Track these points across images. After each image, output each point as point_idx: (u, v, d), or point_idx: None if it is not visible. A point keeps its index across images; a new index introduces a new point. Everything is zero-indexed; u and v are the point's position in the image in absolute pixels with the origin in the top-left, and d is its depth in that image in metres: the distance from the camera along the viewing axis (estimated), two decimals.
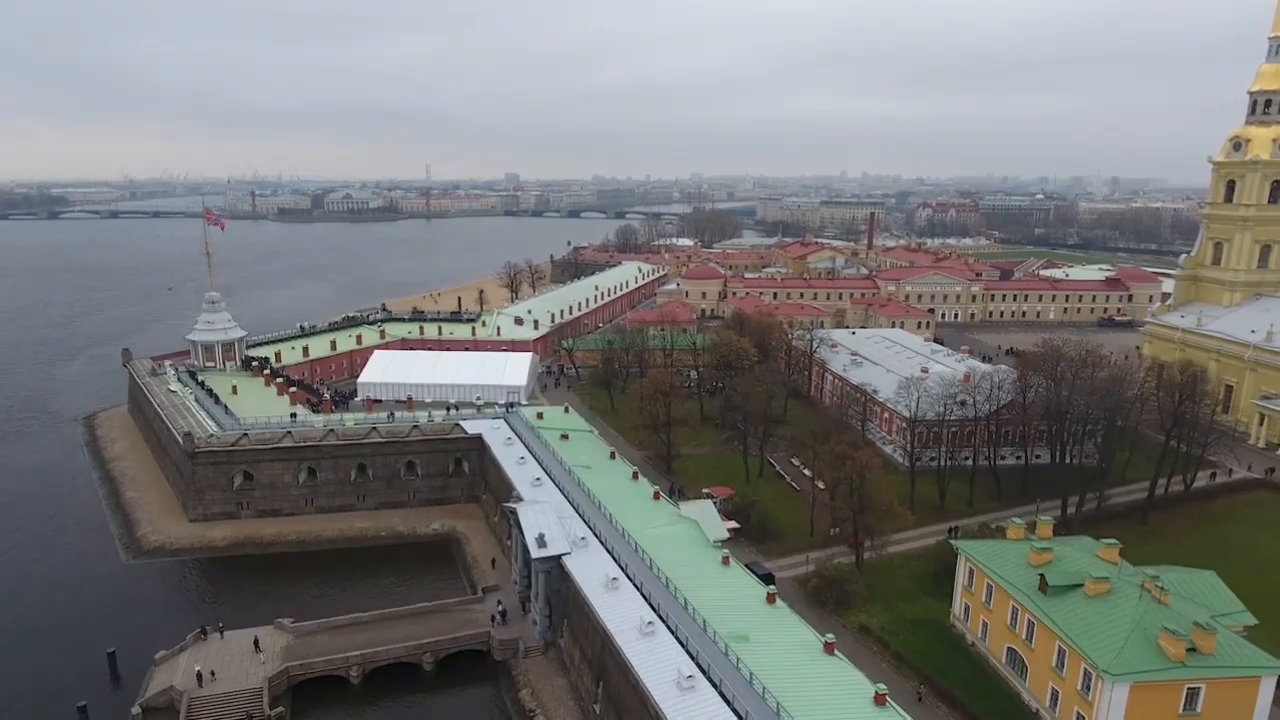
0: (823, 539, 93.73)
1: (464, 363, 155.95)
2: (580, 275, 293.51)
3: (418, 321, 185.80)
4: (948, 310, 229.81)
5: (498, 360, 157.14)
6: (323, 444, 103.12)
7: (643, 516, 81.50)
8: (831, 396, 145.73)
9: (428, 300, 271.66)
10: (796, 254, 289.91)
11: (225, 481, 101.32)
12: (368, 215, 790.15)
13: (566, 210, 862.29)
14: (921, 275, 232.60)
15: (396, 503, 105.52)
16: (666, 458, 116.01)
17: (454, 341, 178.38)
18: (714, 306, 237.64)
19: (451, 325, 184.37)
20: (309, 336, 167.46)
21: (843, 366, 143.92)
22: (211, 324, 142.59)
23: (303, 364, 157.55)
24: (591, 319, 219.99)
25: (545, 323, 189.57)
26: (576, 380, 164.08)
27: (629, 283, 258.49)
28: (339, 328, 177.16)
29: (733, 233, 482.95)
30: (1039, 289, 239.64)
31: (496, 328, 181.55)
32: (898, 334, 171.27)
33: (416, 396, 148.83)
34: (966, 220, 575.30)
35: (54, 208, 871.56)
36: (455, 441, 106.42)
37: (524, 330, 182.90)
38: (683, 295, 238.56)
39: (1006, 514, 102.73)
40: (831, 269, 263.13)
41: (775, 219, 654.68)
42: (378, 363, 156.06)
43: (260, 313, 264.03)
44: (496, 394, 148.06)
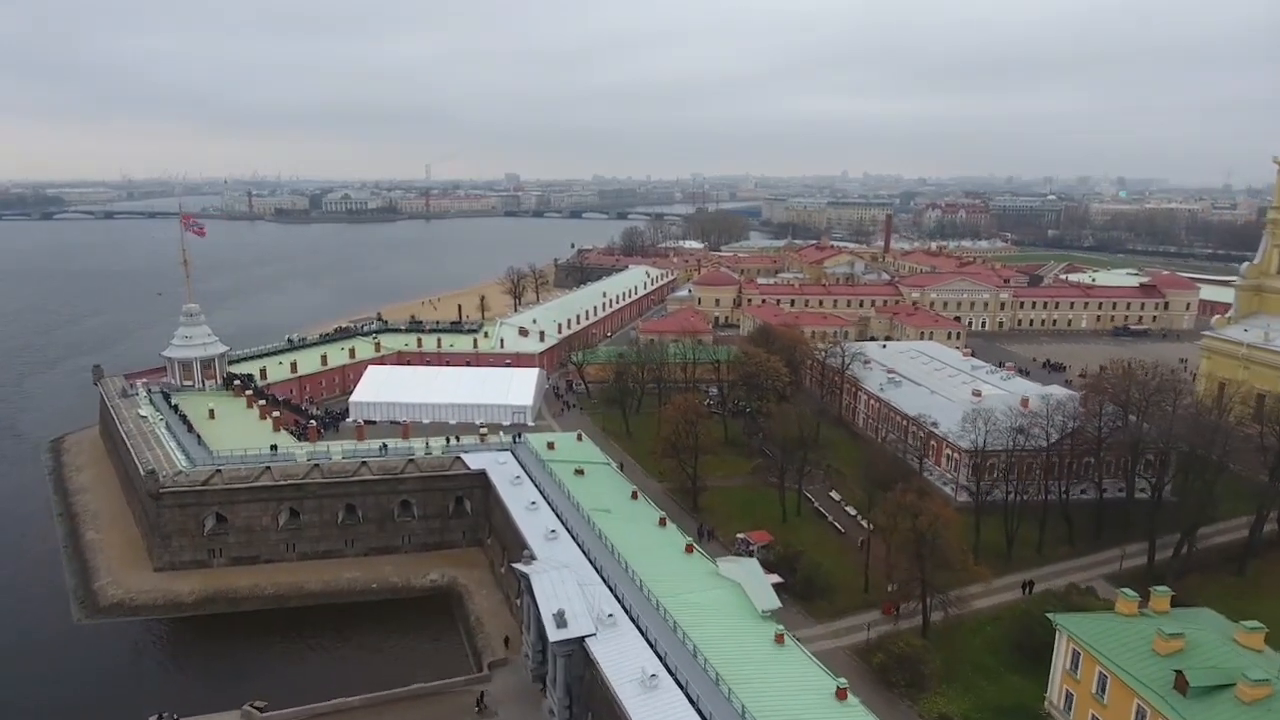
0: (879, 595, 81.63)
1: (465, 380, 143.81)
2: (586, 280, 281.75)
3: (415, 332, 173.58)
4: (975, 319, 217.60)
5: (502, 377, 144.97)
6: (306, 481, 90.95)
7: (677, 578, 69.36)
8: (867, 418, 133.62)
9: (426, 307, 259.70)
10: (812, 258, 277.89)
11: (194, 525, 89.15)
12: (366, 216, 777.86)
13: (568, 211, 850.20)
14: (947, 282, 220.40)
15: (389, 547, 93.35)
16: (693, 492, 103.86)
17: (454, 354, 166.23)
18: (728, 314, 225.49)
19: (451, 336, 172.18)
20: (297, 350, 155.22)
21: (879, 386, 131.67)
22: (189, 339, 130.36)
23: (290, 380, 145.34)
24: (600, 328, 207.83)
25: (552, 333, 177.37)
26: (586, 397, 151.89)
27: (637, 289, 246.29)
28: (330, 340, 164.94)
29: (740, 234, 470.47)
30: (1070, 296, 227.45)
31: (500, 339, 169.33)
32: (932, 347, 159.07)
33: (413, 417, 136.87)
34: (977, 222, 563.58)
35: (48, 208, 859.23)
36: (456, 479, 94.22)
37: (529, 342, 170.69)
38: (695, 302, 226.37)
39: (1084, 562, 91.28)
40: (850, 274, 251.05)
41: (781, 220, 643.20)
42: (371, 379, 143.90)
43: (253, 319, 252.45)
44: (500, 414, 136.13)
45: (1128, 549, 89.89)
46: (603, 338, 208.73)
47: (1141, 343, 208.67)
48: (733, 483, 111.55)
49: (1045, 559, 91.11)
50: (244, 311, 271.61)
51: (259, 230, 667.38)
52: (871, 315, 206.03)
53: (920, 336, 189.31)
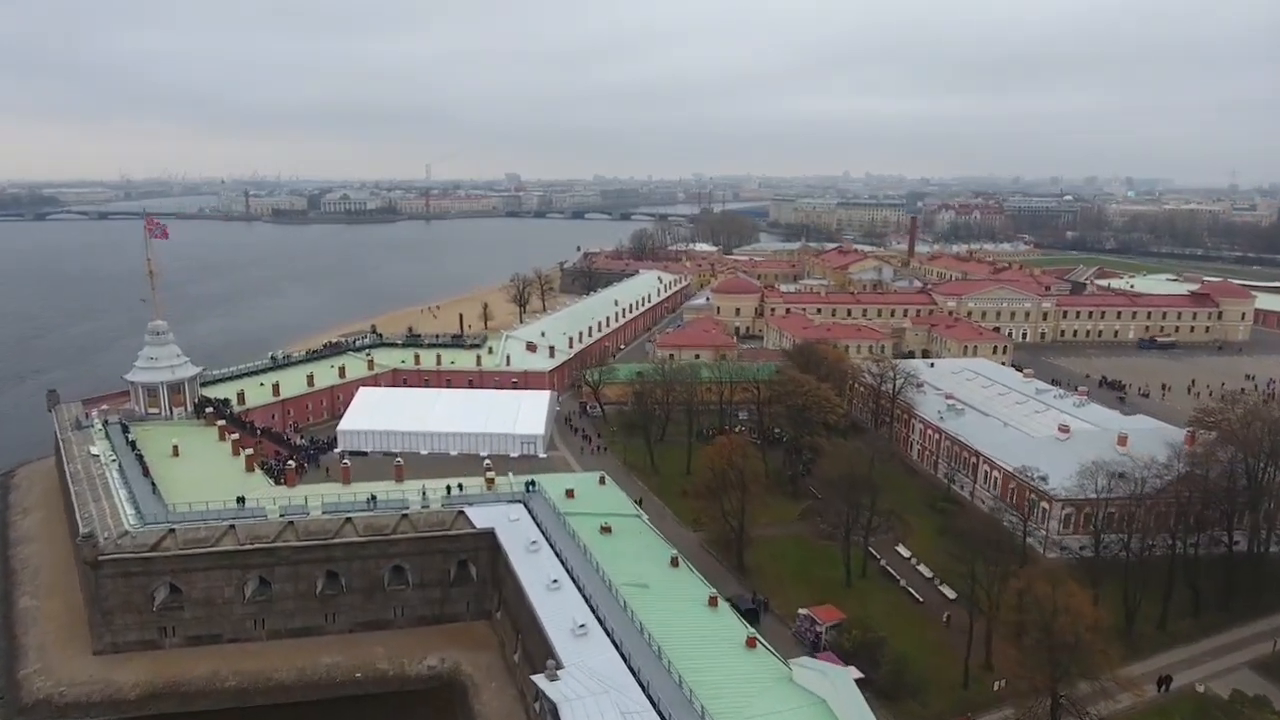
0: (982, 692, 66.18)
1: (468, 404, 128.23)
2: (594, 286, 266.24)
3: (412, 347, 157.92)
4: (1015, 329, 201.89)
5: (509, 401, 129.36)
6: (278, 545, 75.36)
7: (744, 690, 54.03)
8: (923, 450, 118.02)
9: (426, 315, 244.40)
10: (836, 263, 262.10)
11: (142, 599, 73.63)
12: (365, 216, 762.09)
13: (570, 211, 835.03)
14: (986, 290, 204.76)
15: (379, 622, 77.78)
16: (737, 546, 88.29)
17: (455, 373, 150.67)
18: (750, 324, 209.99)
19: (452, 352, 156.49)
20: (281, 369, 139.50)
21: (937, 414, 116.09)
22: (155, 360, 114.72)
23: (272, 405, 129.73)
24: (612, 340, 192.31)
25: (562, 348, 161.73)
26: (603, 422, 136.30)
27: (650, 296, 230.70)
28: (318, 356, 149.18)
29: (749, 236, 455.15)
30: (1117, 305, 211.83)
31: (506, 356, 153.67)
32: (986, 366, 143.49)
33: (409, 447, 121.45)
34: (992, 223, 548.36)
35: (43, 209, 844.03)
36: (458, 539, 78.60)
37: (538, 359, 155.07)
38: (713, 311, 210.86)
39: (1220, 643, 75.60)
40: (879, 281, 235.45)
41: (789, 221, 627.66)
42: (363, 403, 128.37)
43: (243, 326, 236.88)
44: (508, 445, 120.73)
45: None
46: (615, 351, 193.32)
47: (1194, 355, 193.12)
48: (780, 531, 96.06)
49: (1171, 636, 75.66)
50: (235, 318, 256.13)
51: (256, 231, 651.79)
52: (907, 326, 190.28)
53: (963, 351, 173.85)
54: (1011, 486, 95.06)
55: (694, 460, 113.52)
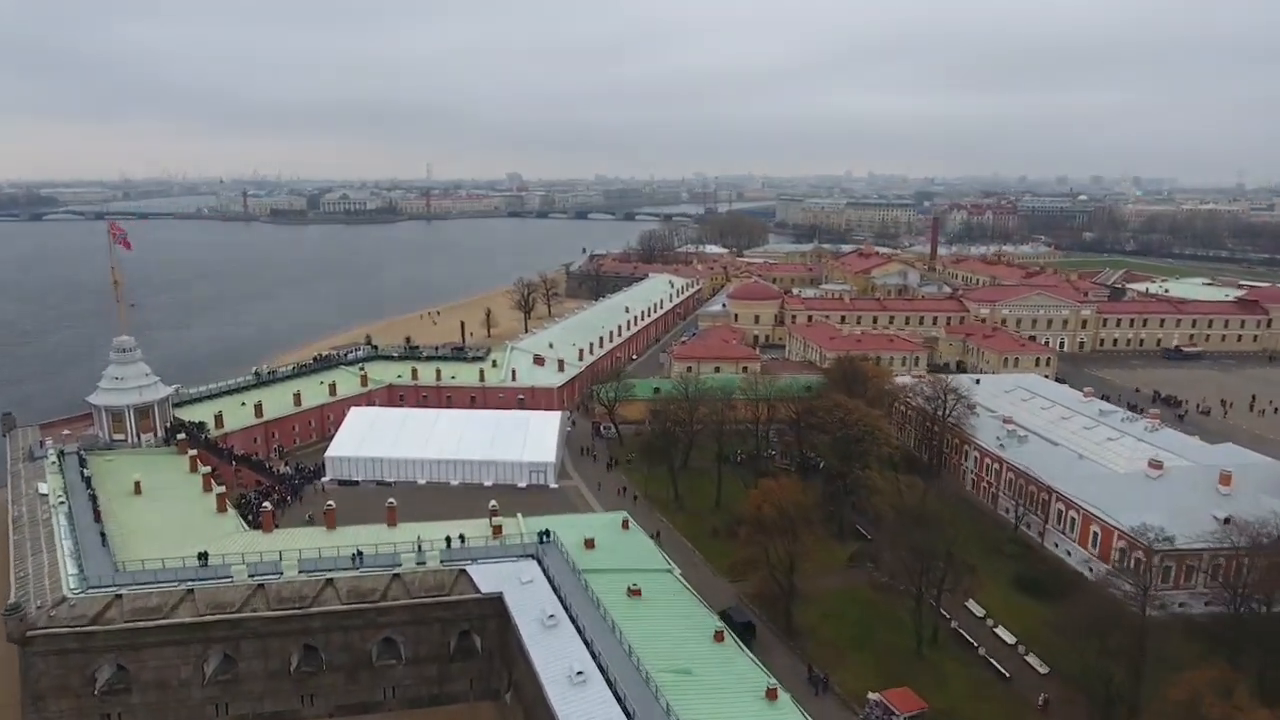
0: None
1: (471, 426, 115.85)
2: (602, 291, 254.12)
3: (410, 361, 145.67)
4: (1052, 338, 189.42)
5: (516, 423, 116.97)
6: (244, 615, 63.07)
7: None
8: (981, 482, 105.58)
9: (425, 322, 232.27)
10: (857, 267, 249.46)
11: (81, 681, 61.43)
12: (365, 217, 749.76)
13: (574, 211, 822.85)
14: (1021, 296, 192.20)
15: (365, 705, 65.55)
16: (785, 609, 75.82)
17: (456, 389, 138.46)
18: (769, 333, 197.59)
19: (453, 366, 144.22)
20: (265, 386, 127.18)
21: (996, 441, 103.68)
22: (120, 381, 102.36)
23: (254, 427, 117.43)
24: (624, 351, 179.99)
25: (572, 360, 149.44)
26: (619, 444, 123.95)
27: (662, 302, 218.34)
28: (307, 371, 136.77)
29: (759, 237, 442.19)
30: (1160, 312, 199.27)
31: (511, 370, 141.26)
32: (1038, 383, 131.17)
33: (405, 475, 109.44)
34: (1005, 224, 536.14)
35: (39, 209, 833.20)
36: (459, 606, 66.22)
37: (546, 373, 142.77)
38: (730, 319, 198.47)
39: None
40: (904, 286, 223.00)
41: (797, 221, 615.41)
42: (354, 425, 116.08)
43: (232, 334, 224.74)
44: (516, 473, 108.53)
45: None
46: (627, 362, 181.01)
47: (1244, 367, 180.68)
48: (830, 583, 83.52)
49: None
50: (226, 324, 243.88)
51: (253, 232, 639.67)
52: (940, 336, 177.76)
53: (1004, 364, 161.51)
54: (1120, 546, 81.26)
55: (724, 492, 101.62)
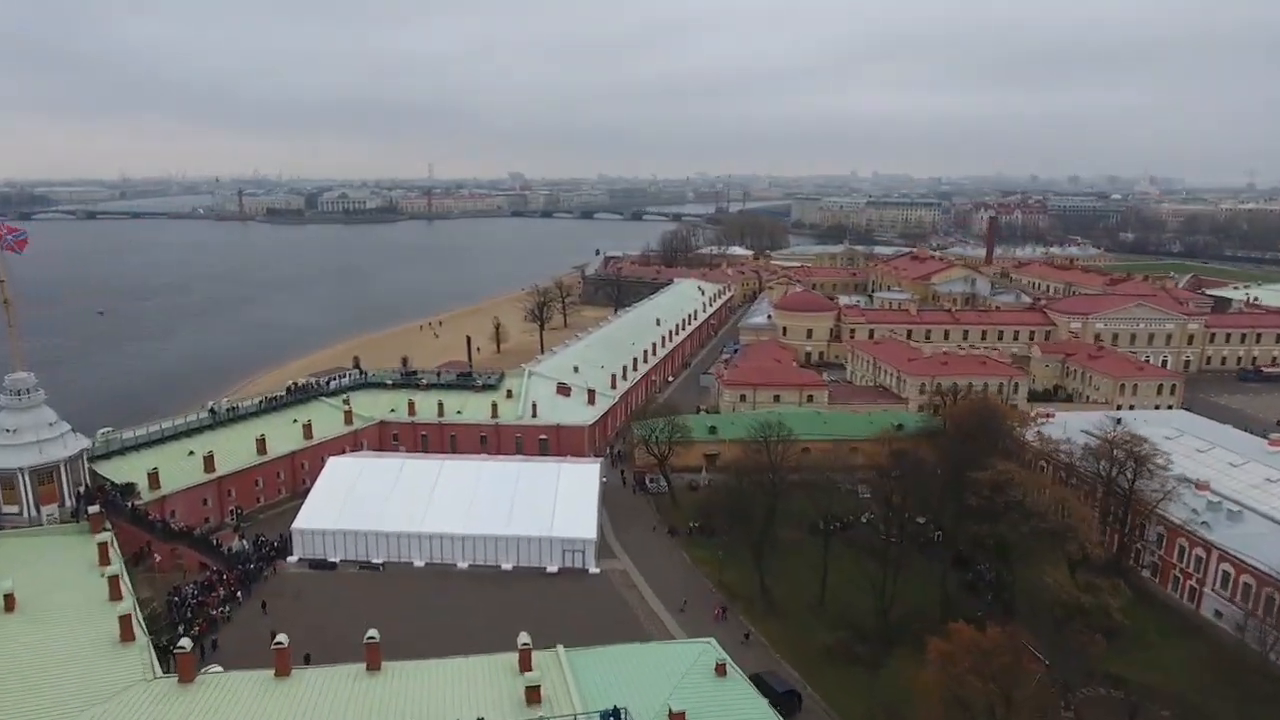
0: None
1: (484, 481, 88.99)
2: (623, 298, 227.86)
3: (407, 389, 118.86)
4: (1154, 356, 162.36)
5: (543, 477, 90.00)
6: None
7: None
8: (1168, 570, 78.43)
9: (425, 334, 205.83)
10: (915, 272, 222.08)
11: None
12: (364, 216, 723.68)
13: (579, 211, 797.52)
14: (1118, 307, 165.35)
15: None
16: None
17: (464, 427, 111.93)
18: (824, 350, 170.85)
19: (460, 396, 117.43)
20: (220, 427, 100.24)
21: (1194, 516, 76.72)
22: (12, 435, 75.52)
23: (203, 486, 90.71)
24: (659, 373, 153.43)
25: (604, 389, 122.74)
26: (672, 503, 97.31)
27: (696, 313, 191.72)
28: (278, 405, 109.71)
29: (780, 238, 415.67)
30: (1273, 326, 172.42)
31: (530, 404, 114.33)
32: (1192, 421, 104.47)
33: (398, 554, 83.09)
34: (1035, 224, 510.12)
35: (30, 208, 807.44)
36: None
37: (574, 406, 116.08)
38: (778, 333, 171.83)
39: None
40: (973, 294, 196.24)
41: (812, 221, 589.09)
42: (333, 482, 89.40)
43: (211, 348, 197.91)
44: (544, 552, 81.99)
45: None
46: (661, 387, 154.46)
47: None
48: None
49: None
50: (203, 335, 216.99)
51: (249, 232, 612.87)
52: (1034, 355, 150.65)
53: (1119, 391, 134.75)
54: None
55: (830, 580, 74.80)
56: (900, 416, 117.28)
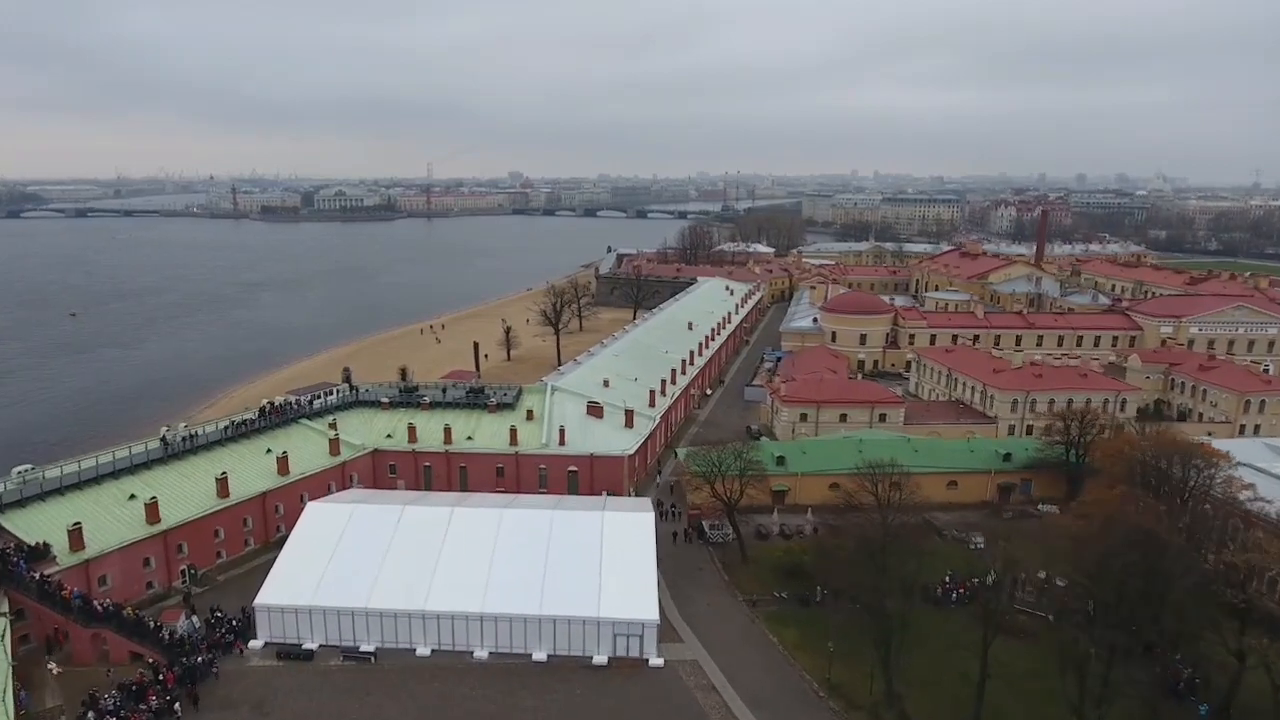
0: None
1: (507, 534, 68.53)
2: (643, 298, 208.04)
3: (406, 409, 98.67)
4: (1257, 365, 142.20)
5: (581, 530, 69.40)
6: None
7: None
8: None
9: (426, 339, 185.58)
10: (969, 270, 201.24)
11: None
12: (362, 214, 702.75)
13: (581, 209, 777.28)
14: (1215, 309, 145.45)
15: None
16: None
17: (476, 456, 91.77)
18: (879, 357, 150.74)
19: (470, 417, 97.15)
20: (171, 461, 79.74)
21: None
22: None
23: (142, 543, 70.34)
24: (696, 385, 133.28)
25: (642, 407, 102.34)
26: (741, 558, 77.25)
27: (730, 315, 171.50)
28: (248, 431, 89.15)
29: (797, 235, 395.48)
30: None
31: (557, 428, 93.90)
32: None
33: (394, 639, 63.19)
34: (1058, 221, 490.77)
35: (19, 206, 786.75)
36: None
37: (609, 430, 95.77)
38: (825, 338, 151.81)
39: None
40: (1039, 295, 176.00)
41: (825, 218, 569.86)
42: (312, 536, 68.99)
43: (187, 355, 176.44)
44: (590, 639, 61.80)
45: None
46: (702, 396, 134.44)
47: None
48: None
49: None
50: (181, 339, 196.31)
51: (243, 230, 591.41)
52: (1132, 365, 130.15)
53: (1243, 408, 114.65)
54: None
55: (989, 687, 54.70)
56: (1007, 444, 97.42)
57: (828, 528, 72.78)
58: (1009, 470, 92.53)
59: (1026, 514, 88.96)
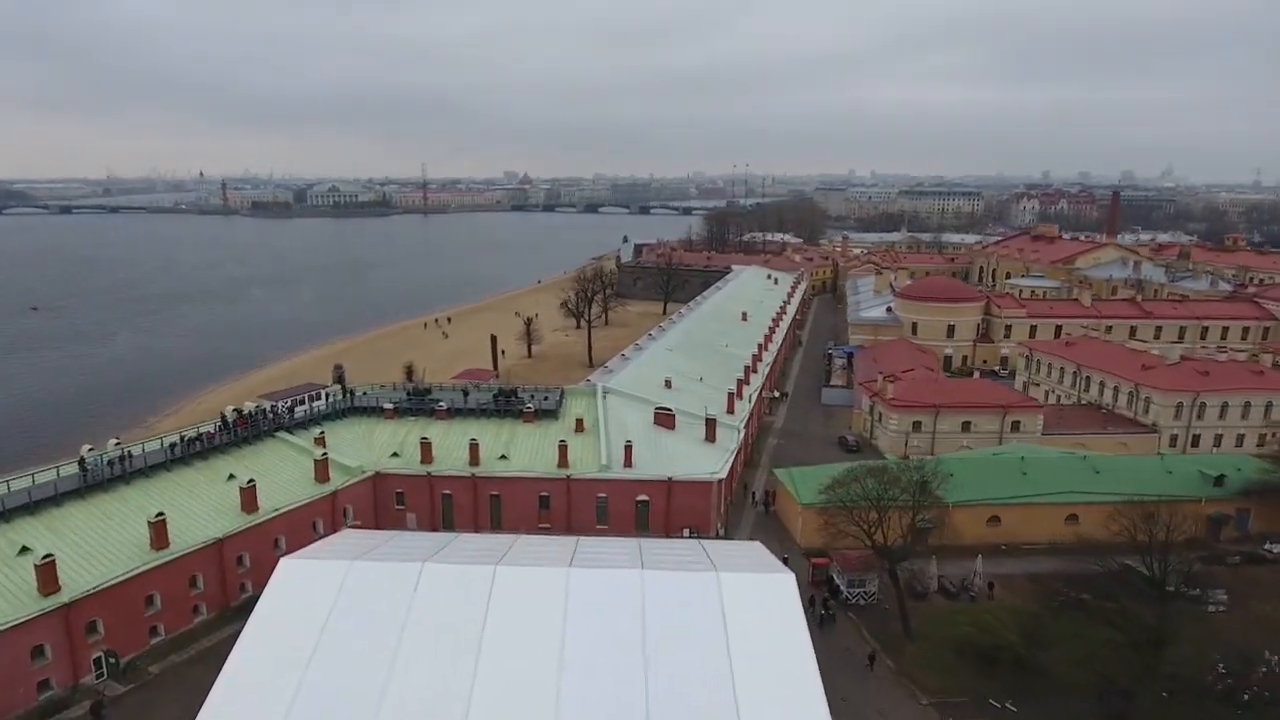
0: None
1: (580, 619, 45.05)
2: (674, 289, 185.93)
3: (415, 418, 75.43)
4: None
5: (693, 602, 45.96)
6: None
7: None
8: None
9: (431, 333, 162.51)
10: (1051, 255, 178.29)
11: None
12: (356, 210, 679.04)
13: (582, 205, 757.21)
14: None
15: None
16: None
17: (511, 482, 68.67)
18: (969, 352, 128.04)
19: (501, 427, 74.03)
20: (89, 497, 56.42)
21: None
22: None
23: (33, 621, 47.04)
24: (766, 385, 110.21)
25: (723, 416, 79.10)
26: (900, 626, 54.49)
27: (785, 306, 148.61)
28: (203, 451, 65.78)
29: (818, 228, 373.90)
30: None
31: (623, 444, 70.69)
32: None
33: None
34: (1084, 214, 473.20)
35: (2, 203, 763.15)
36: None
37: (686, 445, 72.59)
38: (904, 330, 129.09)
39: None
40: (1139, 280, 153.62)
41: (839, 212, 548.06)
42: (281, 619, 45.06)
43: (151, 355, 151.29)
44: None
45: None
46: (772, 401, 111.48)
47: None
48: None
49: None
50: (144, 340, 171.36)
51: (232, 226, 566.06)
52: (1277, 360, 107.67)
53: None
54: None
55: None
56: (1208, 461, 74.59)
57: (1039, 586, 50.12)
58: (1221, 498, 69.81)
59: (1257, 557, 66.41)
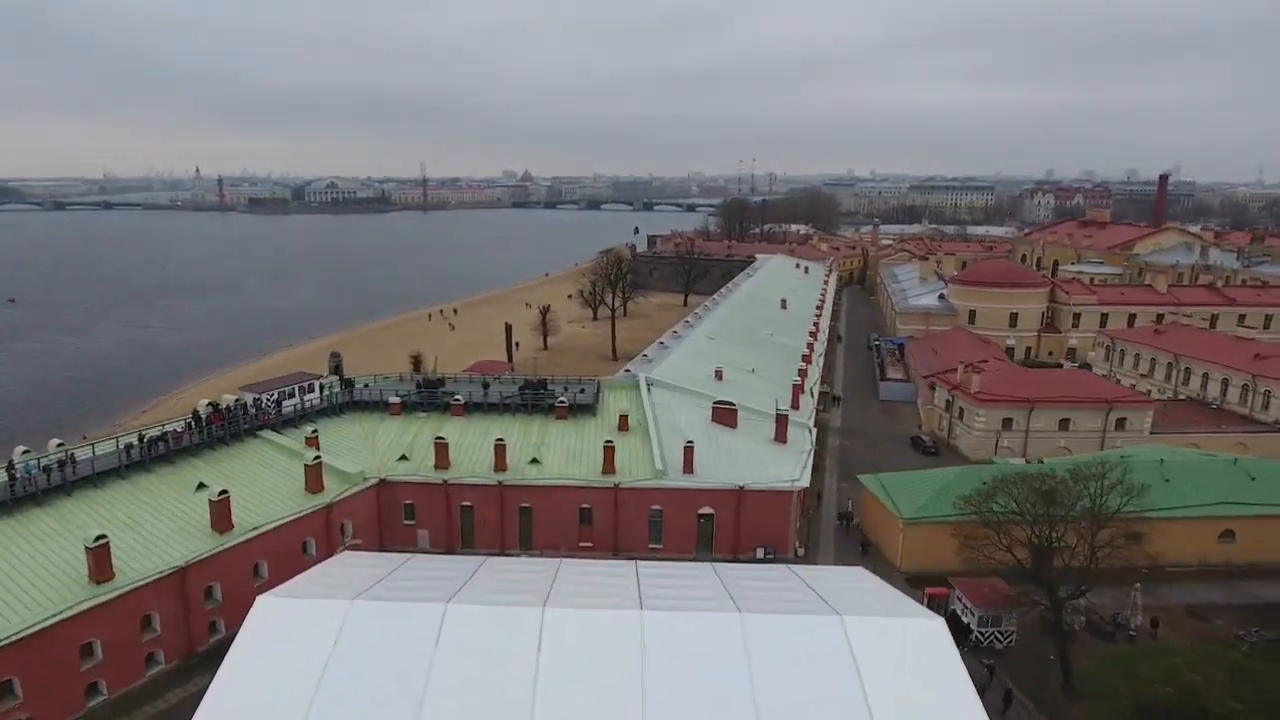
0: None
1: (664, 695, 33.15)
2: (695, 279, 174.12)
3: (426, 413, 63.31)
4: None
5: (818, 660, 34.13)
6: None
7: None
8: None
9: (436, 325, 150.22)
10: (1106, 241, 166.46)
11: None
12: (354, 206, 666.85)
13: (584, 202, 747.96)
14: None
15: None
16: None
17: (547, 490, 56.39)
18: (1034, 342, 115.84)
19: (529, 425, 61.87)
20: (15, 513, 44.23)
21: None
22: None
23: None
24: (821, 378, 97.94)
25: (796, 416, 66.73)
26: (1049, 666, 42.22)
27: (824, 296, 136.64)
28: (167, 454, 53.56)
29: (832, 221, 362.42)
30: None
31: (682, 444, 58.47)
32: None
33: None
34: (1102, 209, 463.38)
35: None
36: None
37: (754, 446, 60.32)
38: (961, 319, 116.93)
39: None
40: (1206, 265, 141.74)
41: (849, 207, 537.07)
42: (258, 678, 33.39)
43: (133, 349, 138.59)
44: None
45: None
46: (828, 404, 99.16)
47: None
48: None
49: None
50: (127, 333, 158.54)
51: (229, 223, 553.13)
52: None
53: None
54: None
55: None
56: None
57: (1201, 621, 37.88)
58: None
59: None
